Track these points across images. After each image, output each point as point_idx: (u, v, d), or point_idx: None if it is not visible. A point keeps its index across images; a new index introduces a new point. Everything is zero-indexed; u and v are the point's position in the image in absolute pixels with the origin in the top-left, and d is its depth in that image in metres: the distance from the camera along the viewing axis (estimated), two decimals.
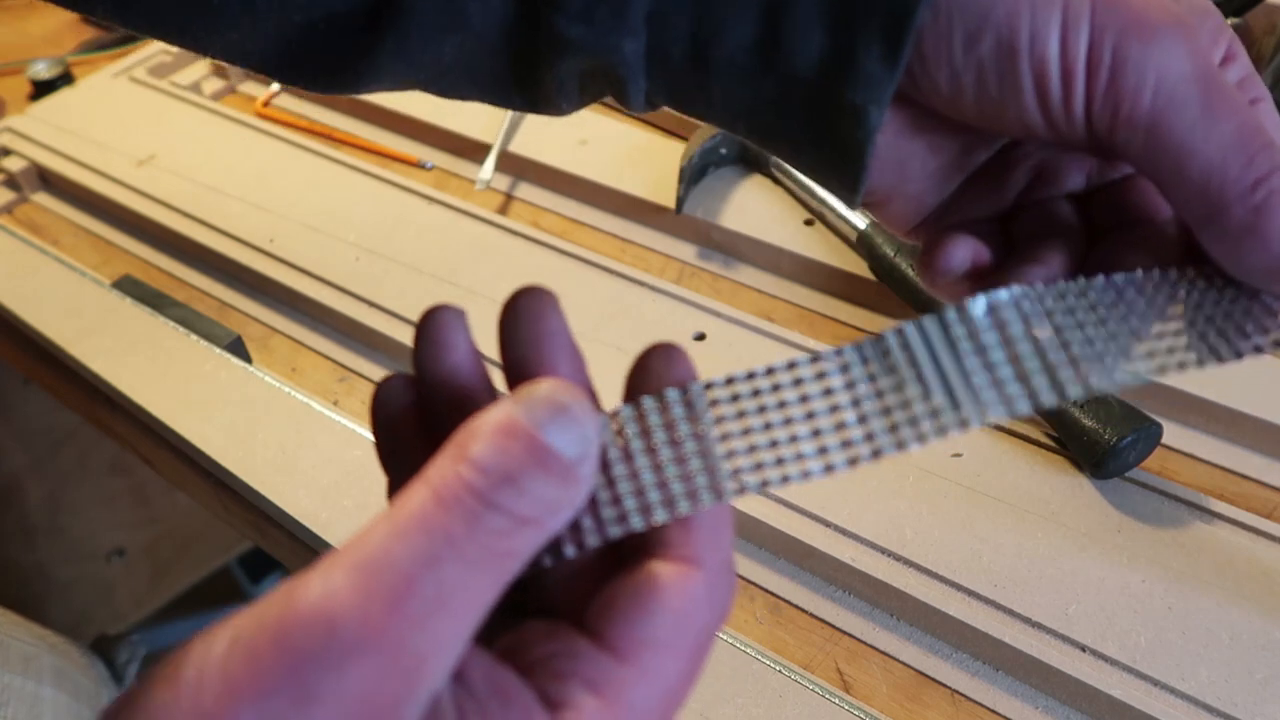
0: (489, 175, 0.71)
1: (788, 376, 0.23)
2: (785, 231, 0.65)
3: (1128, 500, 0.50)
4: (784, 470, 0.22)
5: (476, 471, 0.20)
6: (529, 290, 0.24)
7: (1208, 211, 0.24)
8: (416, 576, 0.19)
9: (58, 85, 0.88)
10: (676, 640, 0.21)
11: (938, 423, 0.22)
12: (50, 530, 1.50)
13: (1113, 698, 0.42)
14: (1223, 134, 0.24)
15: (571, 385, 0.22)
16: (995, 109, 0.26)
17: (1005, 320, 0.24)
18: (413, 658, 0.18)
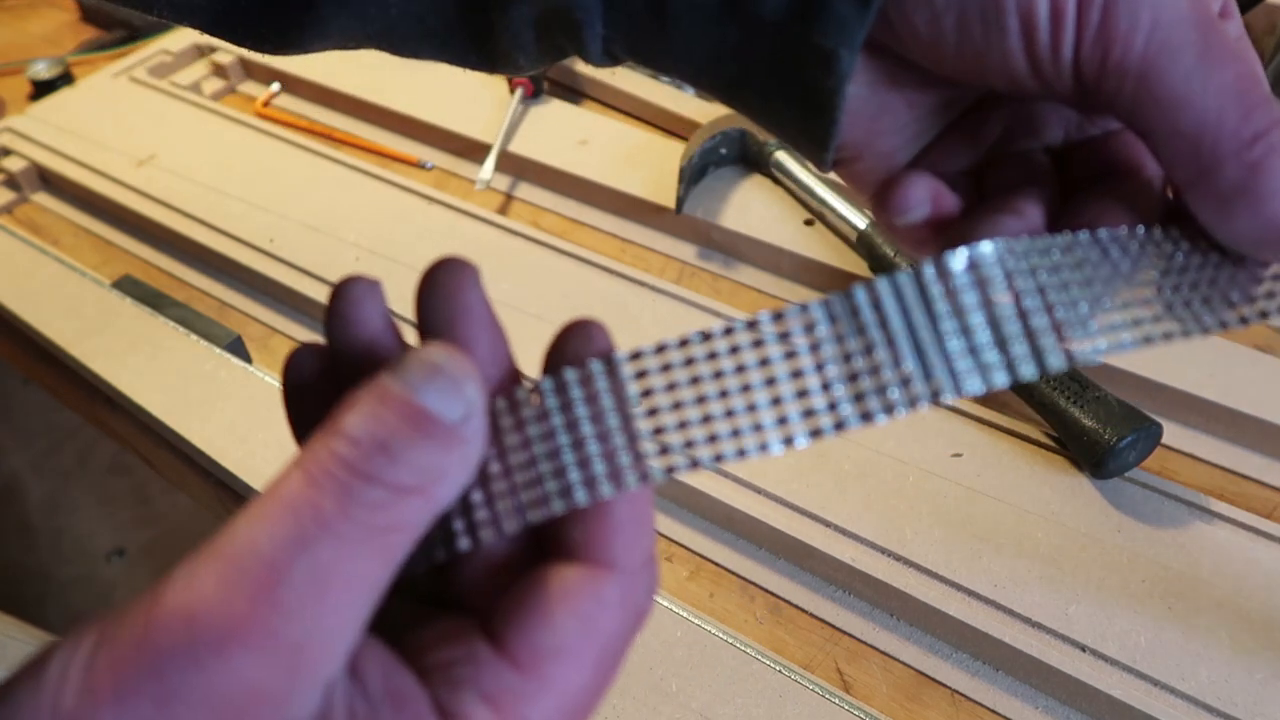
0: (489, 175, 0.71)
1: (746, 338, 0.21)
2: (785, 231, 0.65)
3: (1128, 500, 0.50)
4: (718, 448, 0.20)
5: (347, 442, 0.18)
6: (445, 262, 0.23)
7: (1199, 168, 0.22)
8: (284, 561, 0.17)
9: (58, 85, 0.88)
10: (582, 649, 0.20)
11: (908, 392, 0.20)
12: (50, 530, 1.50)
13: (1113, 698, 0.42)
14: (1220, 83, 0.22)
15: (450, 347, 0.20)
16: (977, 54, 0.24)
17: (987, 278, 0.21)
18: (289, 650, 0.17)
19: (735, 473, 0.51)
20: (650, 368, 0.21)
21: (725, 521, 0.52)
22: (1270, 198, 0.22)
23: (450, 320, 0.22)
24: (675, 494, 0.53)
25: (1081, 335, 0.21)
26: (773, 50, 0.25)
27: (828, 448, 0.53)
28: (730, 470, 0.52)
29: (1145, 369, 0.54)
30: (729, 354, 0.21)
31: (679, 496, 0.53)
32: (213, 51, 0.89)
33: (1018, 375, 0.21)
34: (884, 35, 0.25)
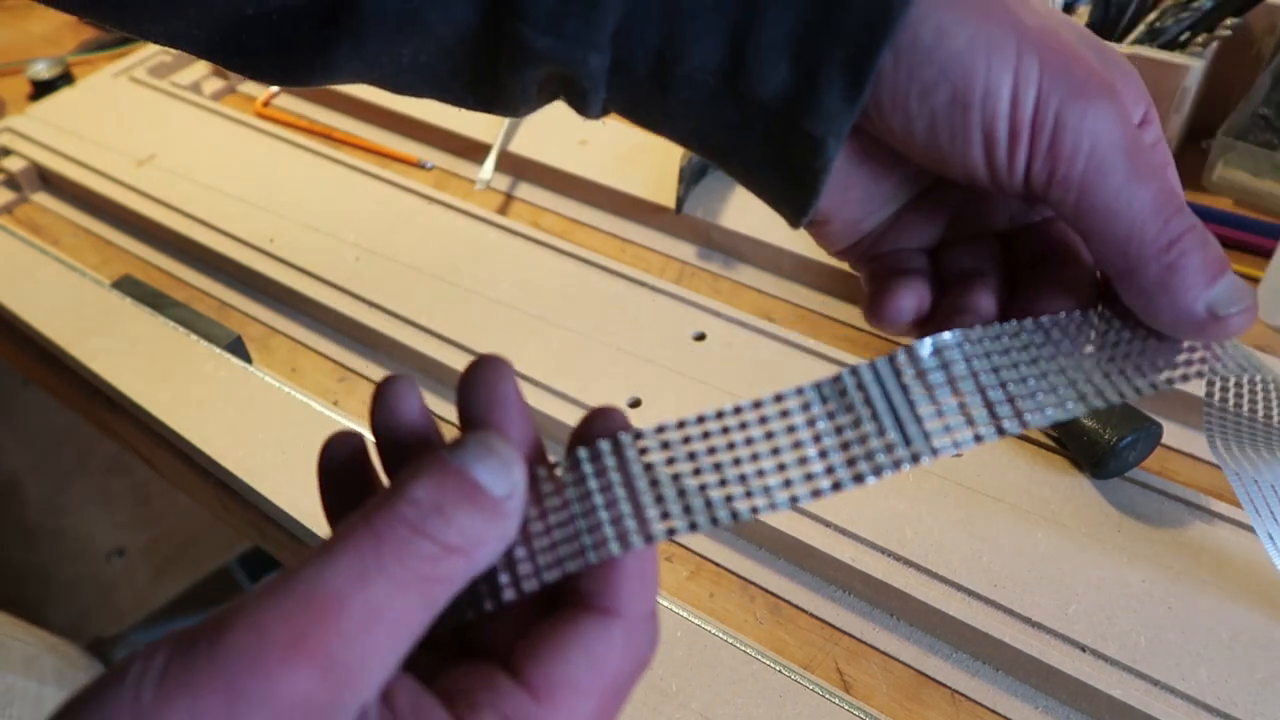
0: (489, 175, 0.71)
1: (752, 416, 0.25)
2: (785, 231, 0.65)
3: (1128, 500, 0.50)
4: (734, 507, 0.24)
5: (409, 503, 0.22)
6: (485, 360, 0.26)
7: (1127, 266, 0.26)
8: (347, 594, 0.20)
9: (58, 85, 0.88)
10: (590, 683, 0.23)
11: (892, 457, 0.24)
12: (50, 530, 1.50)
13: (1113, 698, 0.42)
14: (1143, 198, 0.26)
15: (502, 435, 0.24)
16: (943, 155, 0.27)
17: (949, 361, 0.26)
18: (342, 669, 0.20)
19: None
20: (673, 440, 0.25)
21: None
22: (1183, 292, 0.26)
23: (488, 409, 0.26)
24: None
25: (1032, 406, 0.26)
26: (765, 130, 0.28)
27: None
28: None
29: None
30: (739, 429, 0.25)
31: None
32: None
33: (981, 438, 0.25)
34: (863, 121, 0.28)
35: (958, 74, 0.26)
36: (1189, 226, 0.26)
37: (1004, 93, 0.26)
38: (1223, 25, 0.67)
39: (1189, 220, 0.26)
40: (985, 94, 0.26)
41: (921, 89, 0.26)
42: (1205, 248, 0.26)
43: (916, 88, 0.26)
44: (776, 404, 0.25)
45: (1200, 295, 0.26)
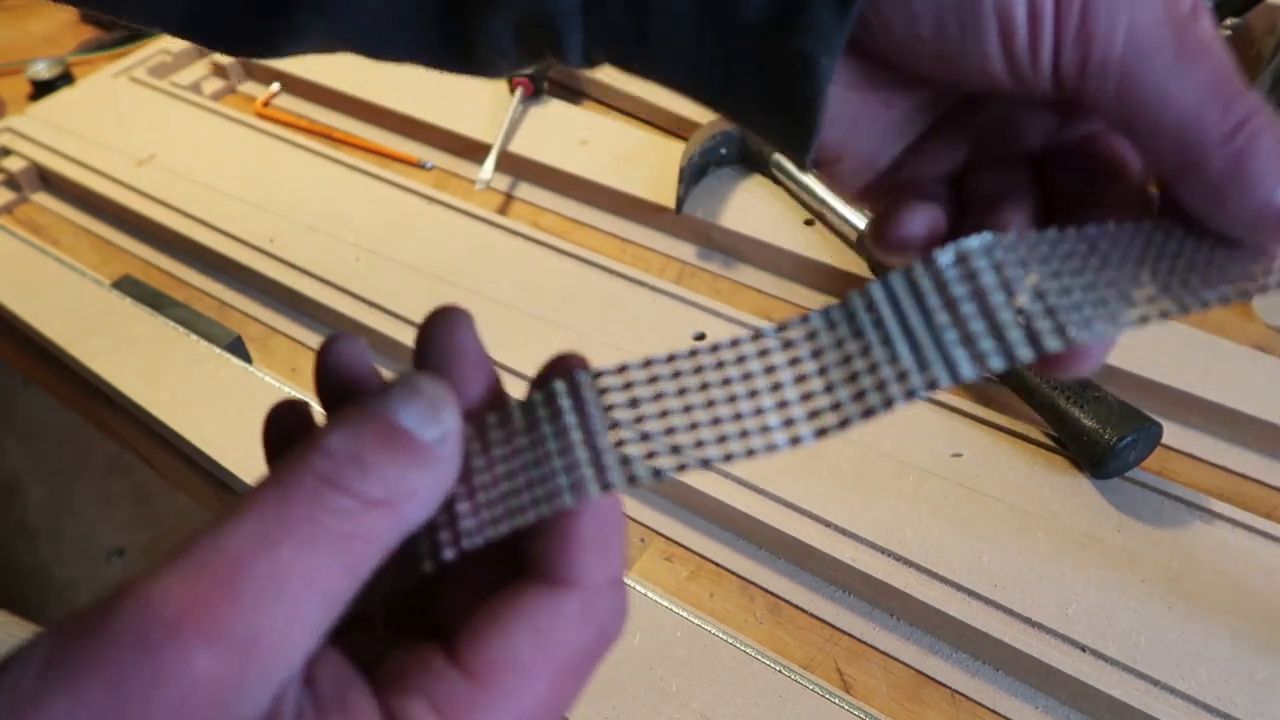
0: (489, 175, 0.71)
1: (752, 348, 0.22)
2: (785, 231, 0.65)
3: (1128, 500, 0.50)
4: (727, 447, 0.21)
5: (322, 455, 0.19)
6: (440, 312, 0.24)
7: (1185, 162, 0.23)
8: (246, 559, 0.18)
9: (58, 85, 0.88)
10: (536, 662, 0.20)
11: (905, 385, 0.21)
12: (50, 530, 1.50)
13: (1113, 698, 0.42)
14: (1198, 79, 0.22)
15: (432, 375, 0.22)
16: (955, 58, 0.24)
17: (976, 270, 0.22)
18: (243, 644, 0.18)
19: (735, 472, 0.51)
20: (662, 374, 0.22)
21: (725, 521, 0.52)
22: (1258, 182, 0.22)
23: (445, 362, 0.23)
24: (675, 494, 0.53)
25: (1077, 319, 0.22)
26: (753, 56, 0.26)
27: (827, 447, 0.53)
28: (730, 470, 0.52)
29: (1145, 369, 0.54)
30: (735, 363, 0.22)
31: (679, 496, 0.53)
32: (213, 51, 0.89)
33: (1015, 358, 0.21)
34: (863, 37, 0.25)
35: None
36: (1255, 107, 0.22)
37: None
38: (1223, 25, 0.67)
39: (1252, 100, 0.22)
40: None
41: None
42: (1277, 129, 0.22)
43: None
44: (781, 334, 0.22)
45: (1278, 183, 0.22)
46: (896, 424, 0.54)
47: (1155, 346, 0.55)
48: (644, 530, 0.52)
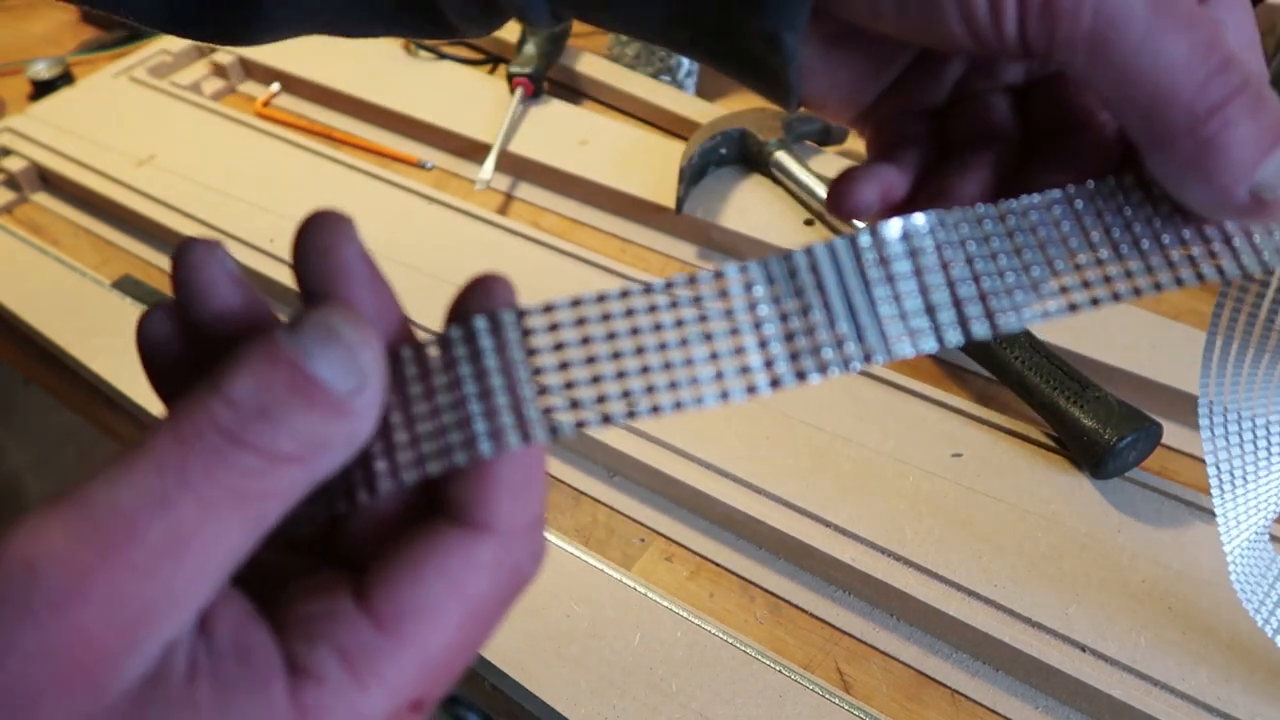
0: (489, 175, 0.71)
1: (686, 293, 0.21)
2: (785, 231, 0.65)
3: (1128, 500, 0.50)
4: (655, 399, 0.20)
5: (226, 405, 0.18)
6: (316, 218, 0.21)
7: (1153, 139, 0.22)
8: (141, 519, 0.17)
9: (58, 85, 0.88)
10: (447, 608, 0.20)
11: (841, 354, 0.21)
12: None
13: (1113, 698, 0.42)
14: (1172, 54, 0.21)
15: (352, 310, 0.20)
16: (919, 30, 0.23)
17: (919, 249, 0.22)
18: (137, 610, 0.17)
19: (735, 472, 0.51)
20: (591, 316, 0.21)
21: (725, 521, 0.52)
22: (1222, 171, 0.21)
23: (329, 279, 0.21)
24: (675, 494, 0.53)
25: (1006, 305, 0.22)
26: (716, 29, 0.25)
27: (828, 447, 0.53)
28: (731, 470, 0.52)
29: (1145, 369, 0.54)
30: (669, 308, 0.21)
31: (679, 496, 0.53)
32: (213, 51, 0.89)
33: (944, 341, 0.22)
34: (827, 5, 0.24)
35: None
36: (1235, 88, 0.21)
37: None
38: None
39: (1234, 80, 0.21)
40: None
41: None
42: (1257, 115, 0.21)
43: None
44: (716, 282, 0.21)
45: (1244, 175, 0.21)
46: (897, 424, 0.54)
47: (1155, 347, 0.55)
48: (644, 530, 0.52)
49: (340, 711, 0.18)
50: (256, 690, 0.18)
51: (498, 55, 0.87)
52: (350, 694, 0.19)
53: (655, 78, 0.81)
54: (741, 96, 0.82)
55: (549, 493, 0.55)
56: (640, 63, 0.82)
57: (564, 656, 0.46)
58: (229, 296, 0.22)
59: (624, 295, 0.21)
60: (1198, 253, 0.23)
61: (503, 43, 0.86)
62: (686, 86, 0.81)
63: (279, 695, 0.18)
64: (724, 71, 0.27)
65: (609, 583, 0.49)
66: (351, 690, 0.19)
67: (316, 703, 0.18)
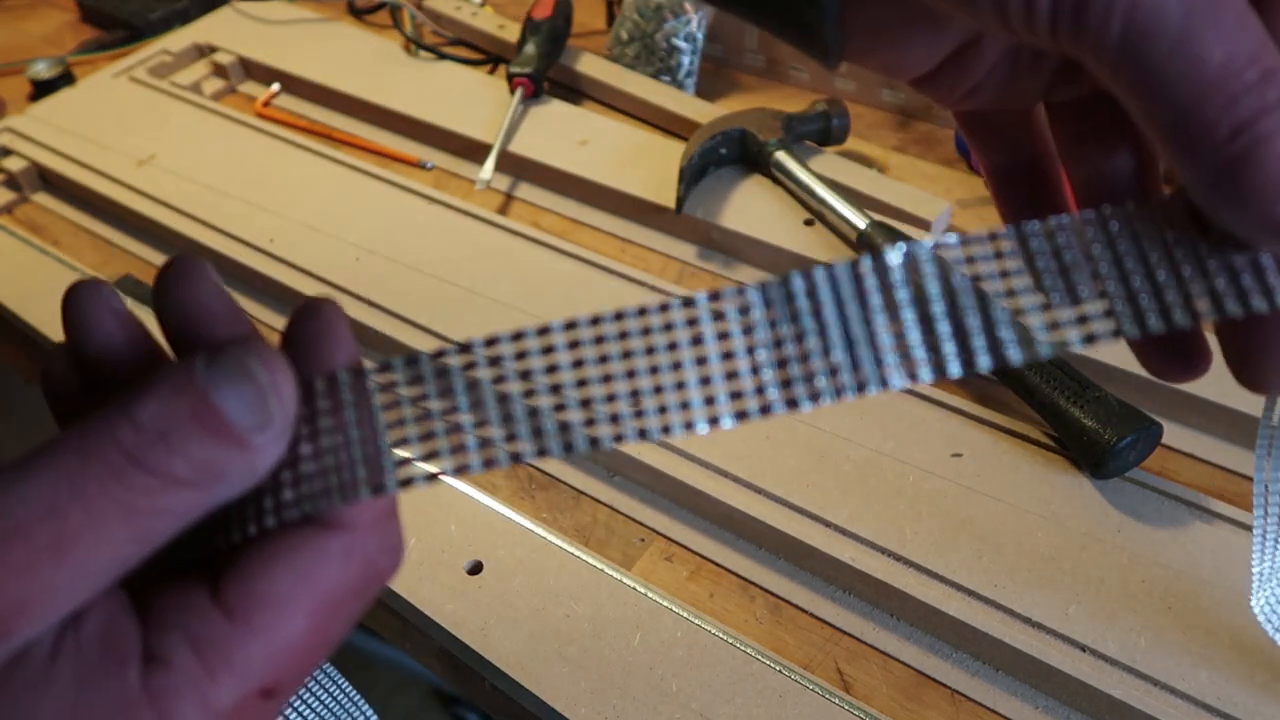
0: (489, 175, 0.71)
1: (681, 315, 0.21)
2: (785, 231, 0.65)
3: (1128, 500, 0.50)
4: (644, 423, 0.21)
5: (129, 426, 0.19)
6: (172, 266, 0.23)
7: (1180, 156, 0.20)
8: (29, 524, 0.18)
9: (58, 85, 0.88)
10: (296, 598, 0.21)
11: (834, 382, 0.21)
12: None
13: (1113, 698, 0.42)
14: (1202, 67, 0.19)
15: (272, 351, 0.21)
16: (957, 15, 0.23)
17: (924, 275, 0.21)
18: (10, 601, 0.18)
19: (735, 472, 0.51)
20: (584, 339, 0.21)
21: (725, 521, 0.52)
22: (1253, 193, 0.19)
23: (188, 322, 0.23)
24: (675, 493, 0.53)
25: (1017, 339, 0.21)
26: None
27: (828, 448, 0.53)
28: (731, 470, 0.52)
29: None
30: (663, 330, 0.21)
31: (679, 496, 0.53)
32: (213, 51, 0.89)
33: (946, 373, 0.21)
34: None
35: None
36: (1272, 101, 0.19)
37: None
38: None
39: (1274, 91, 0.19)
40: None
41: None
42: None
43: None
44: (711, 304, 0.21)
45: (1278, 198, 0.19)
46: (897, 424, 0.54)
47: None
48: (644, 530, 0.52)
49: (188, 695, 0.19)
50: (111, 672, 0.19)
51: (498, 55, 0.87)
52: (199, 679, 0.19)
53: (655, 78, 0.81)
54: (742, 96, 0.82)
55: (550, 491, 0.55)
56: (640, 63, 0.82)
57: (564, 656, 0.46)
58: (113, 332, 0.24)
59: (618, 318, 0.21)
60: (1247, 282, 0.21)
61: (503, 43, 0.86)
62: (686, 86, 0.81)
63: (132, 678, 0.19)
64: (762, 26, 0.27)
65: (609, 583, 0.49)
66: (200, 676, 0.20)
67: (165, 686, 0.19)
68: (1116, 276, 0.21)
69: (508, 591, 0.49)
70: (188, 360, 0.20)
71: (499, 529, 0.52)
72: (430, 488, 0.21)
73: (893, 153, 0.75)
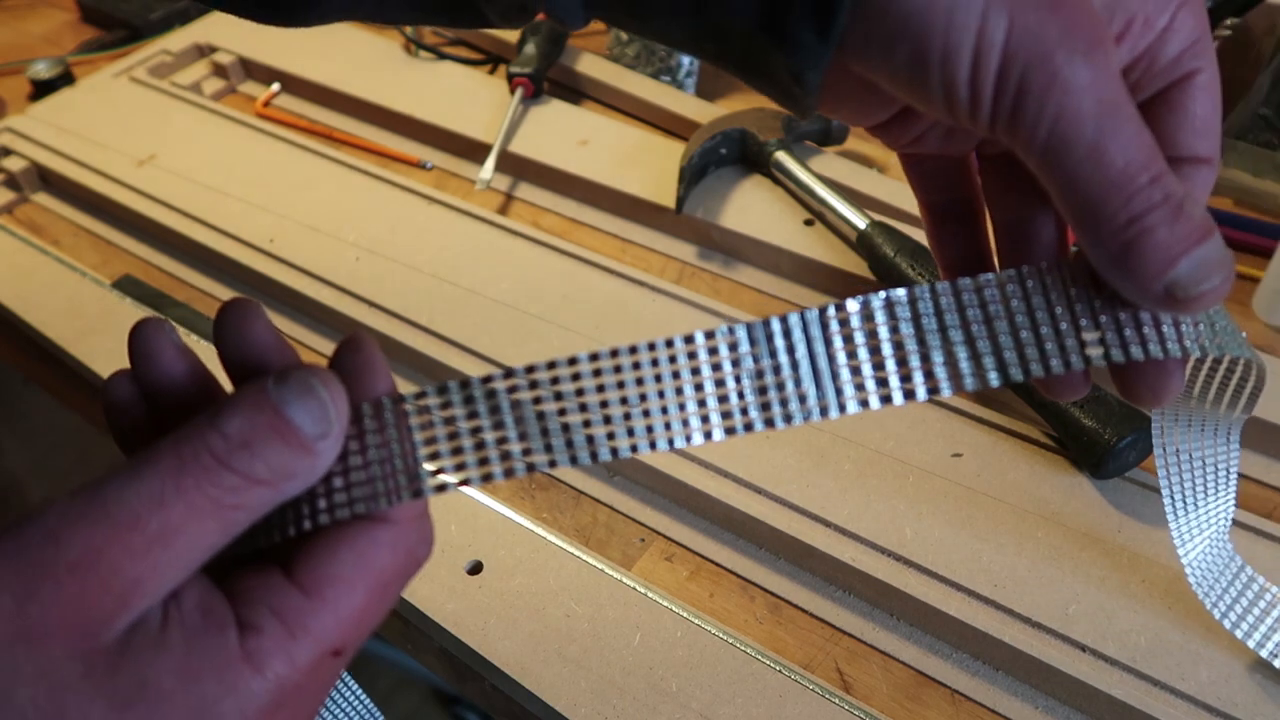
0: (489, 175, 0.71)
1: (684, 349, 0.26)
2: (785, 231, 0.65)
3: (1128, 500, 0.50)
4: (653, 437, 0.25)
5: (219, 436, 0.24)
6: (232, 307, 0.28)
7: (1086, 237, 0.26)
8: (143, 514, 0.23)
9: (58, 85, 0.88)
10: (356, 578, 0.25)
11: (804, 408, 0.26)
12: None
13: (1113, 698, 0.42)
14: (1107, 171, 0.25)
15: (330, 373, 0.26)
16: (907, 98, 0.27)
17: (877, 323, 0.26)
18: (127, 582, 0.22)
19: (736, 472, 0.51)
20: (605, 368, 0.26)
21: (725, 521, 0.52)
22: (1140, 271, 0.25)
23: (246, 353, 0.28)
24: (676, 493, 0.53)
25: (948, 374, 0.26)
26: (743, 53, 0.28)
27: (828, 448, 0.53)
28: (731, 470, 0.52)
29: None
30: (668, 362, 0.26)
31: (679, 496, 0.53)
32: (213, 52, 0.89)
33: (891, 401, 0.26)
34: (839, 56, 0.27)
35: (915, 33, 0.25)
36: (1156, 201, 0.25)
37: (964, 55, 0.25)
38: (1223, 25, 0.67)
39: (1158, 194, 0.25)
40: (944, 56, 0.25)
41: (882, 44, 0.25)
42: (1174, 222, 0.25)
43: (877, 42, 0.26)
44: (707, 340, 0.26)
45: (1161, 274, 0.25)
46: (897, 424, 0.54)
47: None
48: (644, 530, 0.52)
49: (277, 654, 0.24)
50: (214, 636, 0.23)
51: (498, 55, 0.87)
52: (285, 641, 0.24)
53: (655, 78, 0.81)
54: (742, 96, 0.82)
55: (550, 491, 0.55)
56: (640, 63, 0.82)
57: (564, 656, 0.46)
58: (174, 362, 0.28)
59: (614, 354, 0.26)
60: (1129, 334, 0.26)
61: (503, 43, 0.86)
62: (686, 86, 0.81)
63: (232, 641, 0.23)
64: (745, 81, 0.30)
65: (609, 583, 0.49)
66: (286, 639, 0.24)
67: (258, 648, 0.24)
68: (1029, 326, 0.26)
69: (508, 591, 0.49)
70: (259, 382, 0.25)
71: (499, 529, 0.52)
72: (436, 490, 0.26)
73: (893, 153, 0.74)
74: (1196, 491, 0.39)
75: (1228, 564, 0.43)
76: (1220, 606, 0.42)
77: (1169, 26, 0.27)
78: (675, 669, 0.45)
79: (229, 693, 0.23)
